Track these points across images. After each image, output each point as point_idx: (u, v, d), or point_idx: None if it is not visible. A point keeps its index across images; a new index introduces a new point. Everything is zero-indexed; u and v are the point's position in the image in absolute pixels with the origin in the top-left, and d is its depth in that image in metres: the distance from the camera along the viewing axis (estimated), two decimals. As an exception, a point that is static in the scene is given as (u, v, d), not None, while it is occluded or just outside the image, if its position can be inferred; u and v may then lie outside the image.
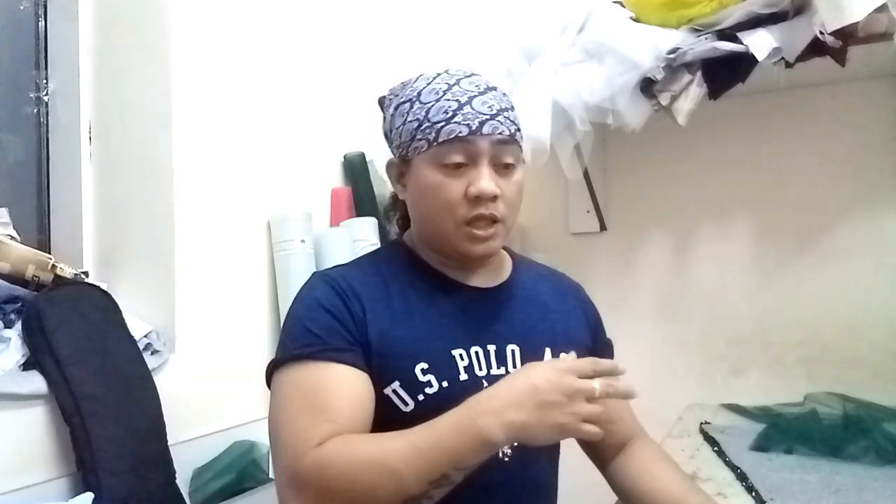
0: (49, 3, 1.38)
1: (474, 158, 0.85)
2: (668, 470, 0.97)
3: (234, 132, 1.42)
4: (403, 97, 0.91)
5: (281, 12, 1.56)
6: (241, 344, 1.40)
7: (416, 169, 0.88)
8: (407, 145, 0.88)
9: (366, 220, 1.62)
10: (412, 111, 0.88)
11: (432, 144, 0.85)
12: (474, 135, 0.84)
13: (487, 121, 0.85)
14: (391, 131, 0.94)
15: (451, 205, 0.85)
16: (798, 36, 1.20)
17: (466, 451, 0.72)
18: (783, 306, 1.56)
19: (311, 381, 0.81)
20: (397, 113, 0.91)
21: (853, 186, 1.50)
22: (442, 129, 0.84)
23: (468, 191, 0.84)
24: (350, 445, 0.76)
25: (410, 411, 0.83)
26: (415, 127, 0.87)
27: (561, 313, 0.99)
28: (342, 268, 0.95)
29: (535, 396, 0.72)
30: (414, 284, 0.92)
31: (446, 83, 0.88)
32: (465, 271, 0.94)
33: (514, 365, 0.89)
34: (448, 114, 0.84)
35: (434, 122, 0.85)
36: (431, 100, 0.86)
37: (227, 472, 1.28)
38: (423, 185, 0.87)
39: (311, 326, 0.84)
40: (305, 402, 0.80)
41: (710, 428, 1.42)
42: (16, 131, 1.34)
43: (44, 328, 1.05)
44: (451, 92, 0.86)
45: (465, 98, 0.85)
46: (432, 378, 0.84)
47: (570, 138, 1.45)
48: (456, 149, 0.84)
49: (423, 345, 0.86)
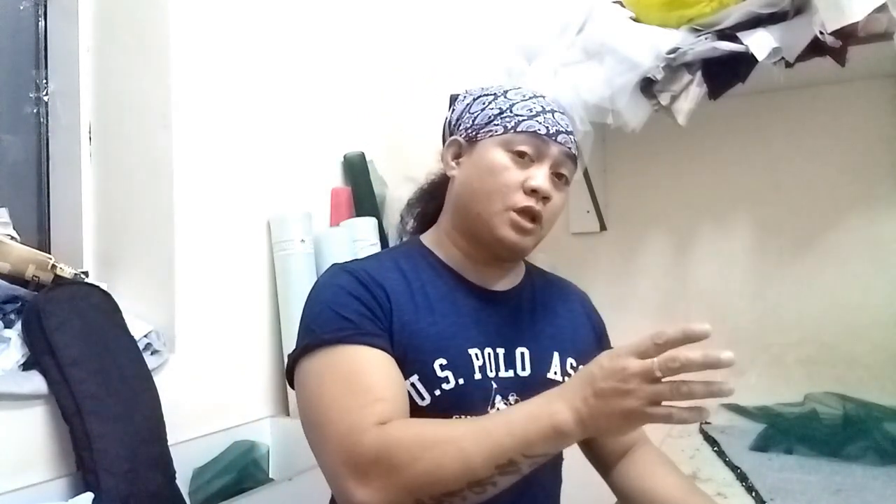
0: (49, 3, 1.38)
1: (541, 156, 0.90)
2: (669, 475, 0.98)
3: (234, 132, 1.42)
4: (486, 92, 0.96)
5: (281, 12, 1.56)
6: (241, 344, 1.40)
7: (482, 149, 0.92)
8: (481, 127, 0.93)
9: (365, 220, 1.63)
10: (496, 101, 0.93)
11: (508, 131, 0.90)
12: (549, 137, 0.90)
13: (562, 133, 0.92)
14: (462, 115, 0.97)
15: (508, 188, 0.89)
16: (798, 36, 1.20)
17: (536, 437, 0.70)
18: (783, 306, 1.56)
19: (350, 363, 0.80)
20: (476, 102, 0.96)
21: (853, 186, 1.50)
22: (522, 122, 0.90)
23: (527, 182, 0.88)
24: (416, 426, 0.76)
25: (427, 405, 0.84)
26: (496, 114, 0.92)
27: (568, 319, 1.01)
28: (361, 261, 0.96)
29: (592, 385, 0.69)
30: (434, 282, 0.92)
31: (532, 93, 0.95)
32: (481, 272, 0.95)
33: (523, 367, 0.91)
34: (532, 112, 0.91)
35: (517, 114, 0.91)
36: (518, 99, 0.93)
37: (227, 472, 1.28)
38: (485, 163, 0.91)
39: (341, 311, 0.83)
40: (348, 385, 0.78)
41: (710, 428, 1.42)
42: (16, 131, 1.34)
43: (44, 328, 1.05)
44: (537, 99, 0.94)
45: (549, 108, 0.93)
46: (450, 374, 0.85)
47: (570, 138, 1.45)
48: (529, 141, 0.90)
49: (442, 341, 0.86)
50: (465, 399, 0.85)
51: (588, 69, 1.40)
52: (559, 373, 0.93)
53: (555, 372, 0.93)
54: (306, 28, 1.63)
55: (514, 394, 0.88)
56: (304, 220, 1.49)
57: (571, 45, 1.45)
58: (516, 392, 0.88)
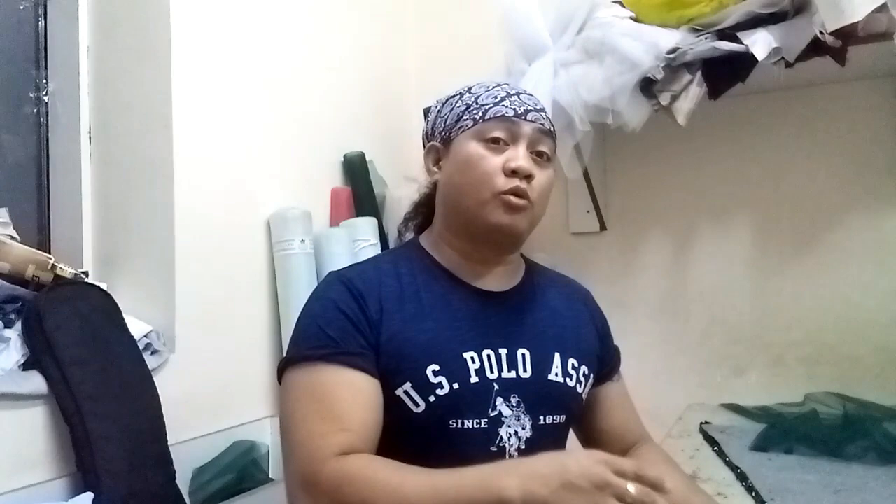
0: (49, 3, 1.38)
1: (515, 138, 0.91)
2: (671, 473, 0.97)
3: (234, 132, 1.42)
4: (453, 94, 0.99)
5: (281, 12, 1.56)
6: (241, 344, 1.40)
7: (458, 145, 0.93)
8: (452, 126, 0.95)
9: (366, 220, 1.62)
10: (462, 99, 0.96)
11: (478, 122, 0.91)
12: (519, 118, 0.91)
13: (531, 111, 0.92)
14: (435, 122, 0.99)
15: (490, 175, 0.89)
16: (798, 36, 1.20)
17: None
18: (783, 306, 1.56)
19: (324, 385, 0.82)
20: (445, 105, 0.98)
21: (853, 186, 1.50)
22: (489, 110, 0.91)
23: (505, 165, 0.89)
24: (372, 467, 0.76)
25: (422, 412, 0.84)
26: (463, 110, 0.94)
27: (571, 319, 1.00)
28: (360, 266, 0.97)
29: (563, 476, 0.68)
30: (428, 286, 0.92)
31: (495, 82, 0.97)
32: (479, 273, 0.95)
33: (524, 368, 0.90)
34: (497, 98, 0.93)
35: (482, 104, 0.92)
36: (481, 91, 0.95)
37: (227, 472, 1.28)
38: (463, 158, 0.92)
39: (325, 328, 0.85)
40: (319, 407, 0.81)
41: (710, 428, 1.42)
42: (16, 131, 1.34)
43: (44, 328, 1.05)
44: (501, 86, 0.95)
45: (514, 91, 0.94)
46: (443, 380, 0.84)
47: (570, 138, 1.45)
48: (500, 126, 0.91)
49: (434, 347, 0.86)
50: (462, 403, 0.85)
51: (588, 69, 1.40)
52: (560, 374, 0.93)
53: (556, 374, 0.92)
54: (306, 28, 1.63)
55: (516, 395, 0.88)
56: (304, 220, 1.48)
57: (571, 44, 1.46)
58: (518, 393, 0.88)
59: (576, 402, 0.96)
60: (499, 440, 0.85)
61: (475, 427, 0.85)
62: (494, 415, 0.86)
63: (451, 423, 0.84)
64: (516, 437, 0.87)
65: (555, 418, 0.91)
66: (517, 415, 0.87)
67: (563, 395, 0.93)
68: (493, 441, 0.85)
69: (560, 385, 0.92)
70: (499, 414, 0.86)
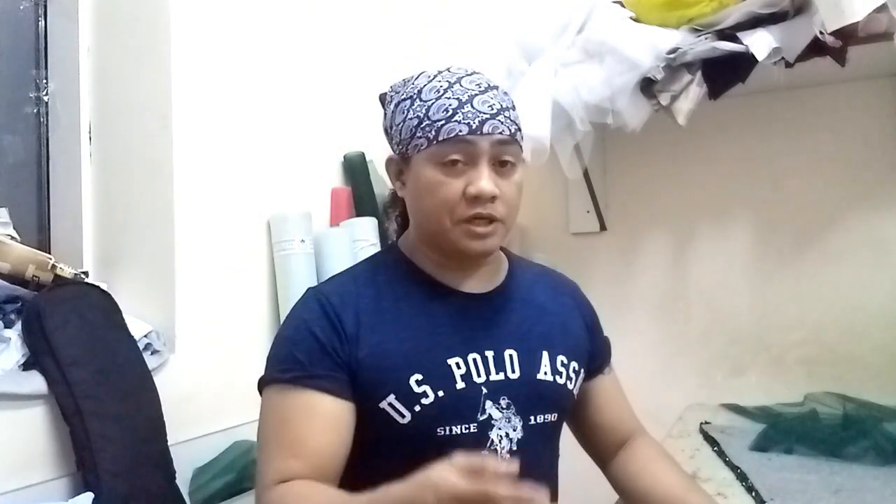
0: (49, 3, 1.38)
1: (474, 158, 0.84)
2: (669, 469, 0.98)
3: (234, 132, 1.42)
4: (404, 94, 0.90)
5: (280, 12, 1.56)
6: (241, 344, 1.40)
7: (416, 167, 0.87)
8: (407, 142, 0.88)
9: (366, 220, 1.62)
10: (412, 108, 0.87)
11: (432, 143, 0.84)
12: (474, 134, 0.83)
13: (488, 120, 0.84)
14: (391, 128, 0.93)
15: (450, 203, 0.84)
16: (798, 36, 1.20)
17: None
18: (783, 306, 1.56)
19: (286, 410, 0.84)
20: (398, 110, 0.90)
21: (853, 186, 1.50)
22: (442, 128, 0.83)
23: (467, 190, 0.83)
24: (301, 496, 0.78)
25: (408, 423, 0.83)
26: (415, 125, 0.86)
27: (558, 315, 0.98)
28: (337, 280, 0.96)
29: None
30: (409, 293, 0.91)
31: (447, 81, 0.87)
32: (460, 276, 0.93)
33: (512, 369, 0.89)
34: (448, 112, 0.84)
35: (434, 119, 0.84)
36: (432, 98, 0.86)
37: (227, 472, 1.28)
38: (422, 183, 0.87)
39: (294, 350, 0.86)
40: (277, 431, 0.84)
41: (710, 428, 1.42)
42: (16, 131, 1.34)
43: (44, 328, 1.05)
44: (452, 90, 0.85)
45: (466, 97, 0.84)
46: (427, 388, 0.83)
47: (570, 138, 1.45)
48: (456, 148, 0.83)
49: (416, 356, 0.85)
50: (449, 411, 0.84)
51: (588, 69, 1.40)
52: (549, 373, 0.91)
53: (545, 372, 0.91)
54: (306, 28, 1.63)
55: (506, 397, 0.87)
56: (304, 220, 1.48)
57: (571, 45, 1.46)
58: (507, 395, 0.87)
59: (567, 400, 0.95)
60: (489, 444, 0.85)
61: (464, 433, 0.84)
62: (484, 419, 0.85)
63: (439, 431, 0.83)
64: (507, 438, 0.86)
65: (546, 417, 0.90)
66: (507, 416, 0.86)
67: (554, 394, 0.92)
68: (483, 445, 0.84)
69: (550, 384, 0.91)
70: (488, 417, 0.85)
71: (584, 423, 1.04)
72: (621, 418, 1.04)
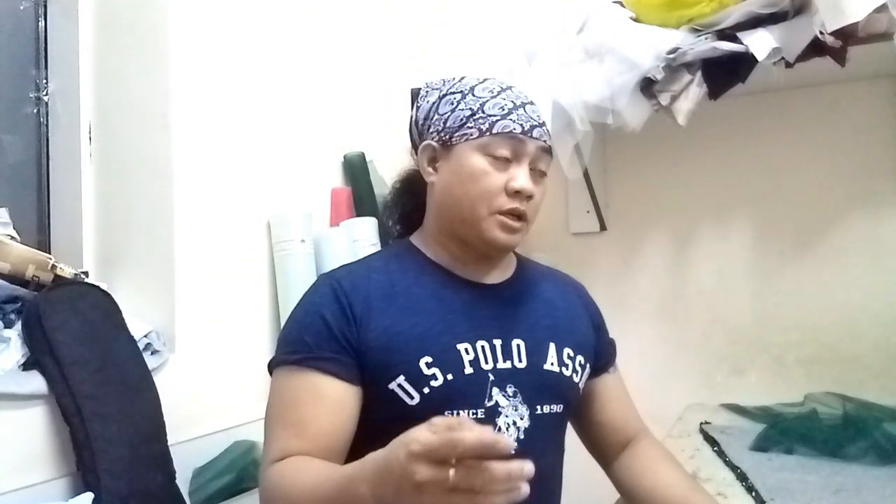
0: (49, 3, 1.38)
1: (519, 156, 0.90)
2: (671, 470, 0.98)
3: (234, 132, 1.42)
4: (453, 88, 0.95)
5: (280, 12, 1.56)
6: (241, 344, 1.40)
7: (460, 154, 0.91)
8: (454, 131, 0.92)
9: (366, 220, 1.62)
10: (465, 101, 0.92)
11: (484, 134, 0.89)
12: (525, 135, 0.90)
13: (536, 127, 0.91)
14: (428, 118, 0.96)
15: (491, 193, 0.89)
16: (798, 36, 1.20)
17: None
18: (783, 306, 1.56)
19: (292, 391, 0.86)
20: (443, 101, 0.94)
21: (853, 186, 1.50)
22: (497, 123, 0.89)
23: (509, 184, 0.89)
24: (290, 472, 0.80)
25: (417, 405, 0.84)
26: (467, 115, 0.91)
27: (565, 311, 1.01)
28: (350, 266, 0.98)
29: (391, 476, 0.65)
30: (420, 281, 0.93)
31: (499, 86, 0.94)
32: (472, 269, 0.96)
33: (519, 359, 0.90)
34: (504, 110, 0.90)
35: (489, 114, 0.90)
36: (486, 96, 0.91)
37: (227, 472, 1.28)
38: (465, 170, 0.90)
39: (302, 332, 0.88)
40: (282, 412, 0.86)
41: (710, 428, 1.42)
42: (16, 131, 1.34)
43: (44, 328, 1.05)
44: (505, 94, 0.92)
45: (519, 102, 0.92)
46: (437, 371, 0.85)
47: (570, 138, 1.45)
48: (506, 143, 0.89)
49: (427, 339, 0.87)
50: (457, 394, 0.85)
51: (588, 69, 1.40)
52: (556, 364, 0.93)
53: (551, 363, 0.93)
54: (306, 28, 1.63)
55: (512, 385, 0.89)
56: (304, 220, 1.48)
57: (571, 45, 1.45)
58: (514, 383, 0.89)
59: (573, 392, 0.96)
60: (497, 430, 0.86)
61: (471, 418, 0.85)
62: (491, 405, 0.86)
63: (447, 414, 0.84)
64: (514, 426, 0.87)
65: (552, 408, 0.92)
66: (514, 405, 0.88)
67: (560, 385, 0.93)
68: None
69: (556, 374, 0.93)
70: (495, 404, 0.87)
71: (588, 421, 1.05)
72: (625, 418, 1.05)
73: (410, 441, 0.62)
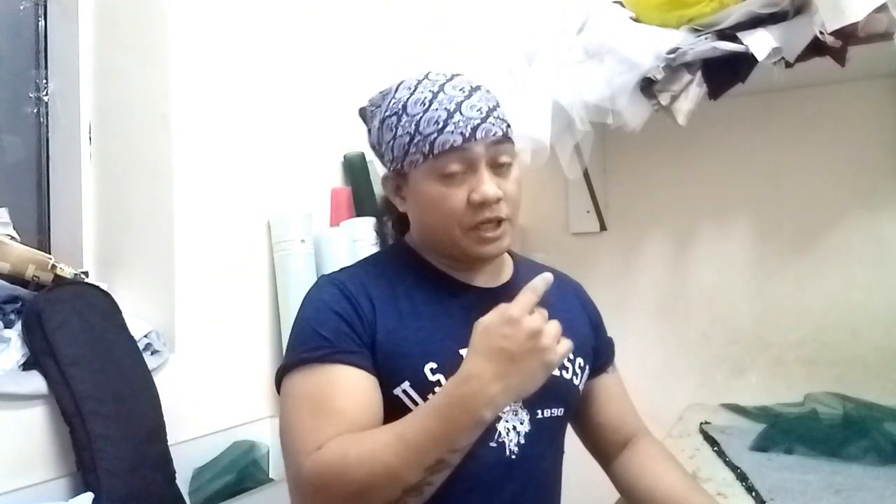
0: (49, 3, 1.38)
1: (472, 165, 0.84)
2: (671, 470, 0.98)
3: (234, 132, 1.42)
4: (388, 110, 0.90)
5: (280, 12, 1.56)
6: (241, 344, 1.40)
7: (415, 183, 0.88)
8: (401, 159, 0.88)
9: (365, 220, 1.62)
10: (400, 125, 0.87)
11: (427, 157, 0.84)
12: (468, 141, 0.83)
13: (479, 125, 0.84)
14: (380, 145, 0.94)
15: (456, 213, 0.85)
16: (798, 36, 1.20)
17: (458, 436, 0.73)
18: (783, 306, 1.56)
19: (320, 384, 0.82)
20: (384, 127, 0.90)
21: (853, 186, 1.50)
22: (436, 141, 0.83)
23: (471, 197, 0.84)
24: (342, 445, 0.76)
25: None
26: (406, 141, 0.86)
27: (563, 312, 0.98)
28: (349, 270, 0.96)
29: (510, 358, 0.72)
30: (419, 286, 0.92)
31: (430, 91, 0.86)
32: (468, 272, 0.94)
33: None
34: (439, 124, 0.83)
35: (426, 134, 0.84)
36: (419, 111, 0.85)
37: (227, 472, 1.28)
38: (424, 199, 0.87)
39: (319, 329, 0.84)
40: (312, 406, 0.81)
41: (710, 428, 1.42)
42: (16, 131, 1.34)
43: (44, 328, 1.05)
44: (438, 100, 0.85)
45: (453, 105, 0.84)
46: (441, 378, 0.84)
47: (570, 138, 1.45)
48: (452, 158, 0.84)
49: (431, 345, 0.86)
50: None
51: (588, 69, 1.40)
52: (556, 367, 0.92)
53: None
54: (306, 28, 1.63)
55: None
56: (304, 220, 1.49)
57: (571, 45, 1.45)
58: None
59: (573, 395, 0.96)
60: (497, 435, 0.85)
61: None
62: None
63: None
64: (514, 431, 0.87)
65: (553, 411, 0.91)
66: (514, 409, 0.87)
67: (560, 388, 0.92)
68: (491, 436, 0.85)
69: (556, 378, 0.91)
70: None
71: (588, 421, 1.05)
72: (624, 417, 1.05)
73: (502, 311, 0.75)
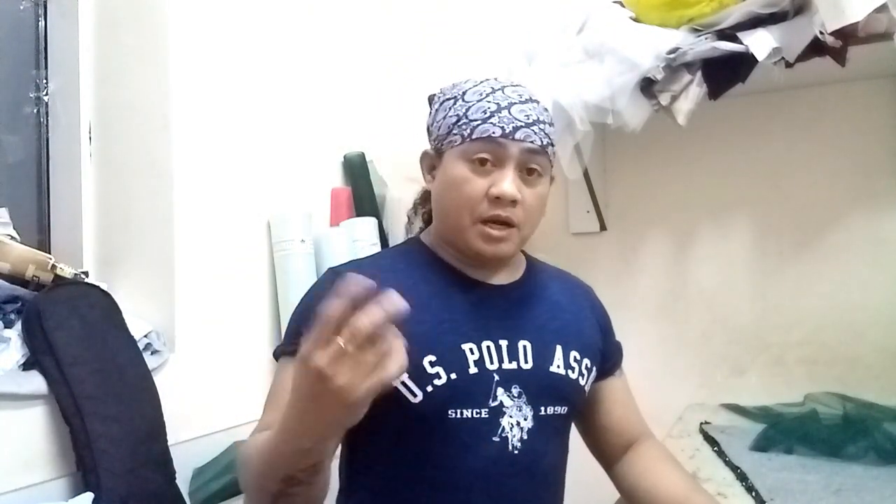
0: (49, 3, 1.38)
1: (501, 160, 0.87)
2: (672, 471, 0.98)
3: (234, 132, 1.42)
4: (450, 94, 0.93)
5: (280, 12, 1.56)
6: (241, 344, 1.40)
7: (447, 161, 0.91)
8: (443, 138, 0.91)
9: (365, 220, 1.63)
10: (454, 107, 0.91)
11: (465, 140, 0.88)
12: (506, 138, 0.86)
13: (521, 127, 0.87)
14: (432, 124, 0.96)
15: (472, 200, 0.87)
16: (798, 36, 1.20)
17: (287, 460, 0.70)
18: (783, 306, 1.55)
19: (285, 380, 0.84)
20: (441, 108, 0.94)
21: (853, 186, 1.50)
22: (477, 128, 0.87)
23: (490, 190, 0.87)
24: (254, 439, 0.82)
25: (420, 402, 0.84)
26: (453, 122, 0.90)
27: (573, 313, 1.00)
28: (358, 261, 1.00)
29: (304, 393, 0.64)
30: (428, 279, 0.93)
31: (491, 87, 0.90)
32: (481, 269, 0.95)
33: (525, 360, 0.90)
34: (486, 114, 0.87)
35: (471, 119, 0.88)
36: (473, 99, 0.89)
37: (227, 472, 1.28)
38: (449, 177, 0.90)
39: (300, 324, 0.87)
40: (272, 397, 0.88)
41: (710, 428, 1.42)
42: (16, 131, 1.34)
43: (44, 328, 1.05)
44: (494, 96, 0.89)
45: (506, 103, 0.88)
46: (440, 370, 0.85)
47: (570, 138, 1.45)
48: (486, 147, 0.87)
49: (431, 338, 0.86)
50: (460, 394, 0.85)
51: (588, 69, 1.40)
52: (562, 366, 0.93)
53: (557, 365, 0.93)
54: (306, 28, 1.63)
55: (517, 385, 0.88)
56: (304, 220, 1.49)
57: (571, 45, 1.45)
58: (519, 384, 0.89)
59: (578, 394, 0.96)
60: (500, 430, 0.86)
61: (475, 417, 0.85)
62: (495, 405, 0.86)
63: (451, 413, 0.84)
64: (518, 427, 0.87)
65: (556, 409, 0.92)
66: (518, 405, 0.88)
67: (565, 387, 0.93)
68: (494, 431, 0.85)
69: (562, 377, 0.92)
70: (500, 404, 0.86)
71: (592, 424, 1.05)
72: (629, 421, 1.05)
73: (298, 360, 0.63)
